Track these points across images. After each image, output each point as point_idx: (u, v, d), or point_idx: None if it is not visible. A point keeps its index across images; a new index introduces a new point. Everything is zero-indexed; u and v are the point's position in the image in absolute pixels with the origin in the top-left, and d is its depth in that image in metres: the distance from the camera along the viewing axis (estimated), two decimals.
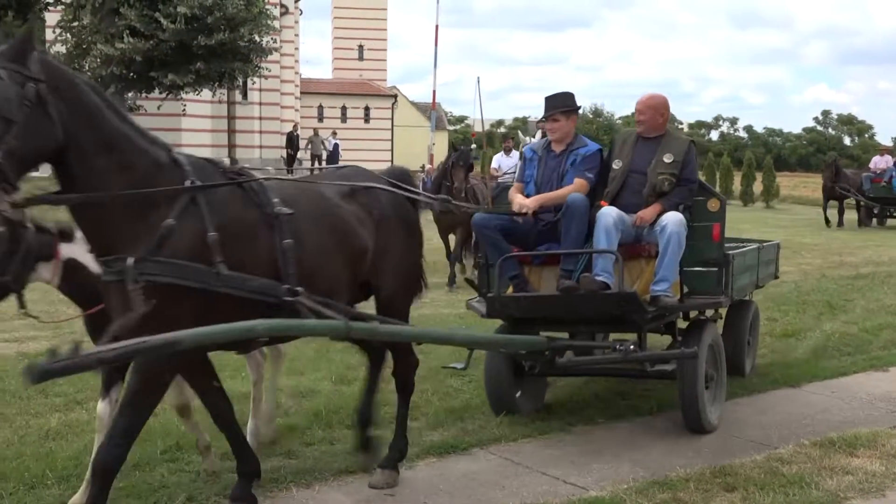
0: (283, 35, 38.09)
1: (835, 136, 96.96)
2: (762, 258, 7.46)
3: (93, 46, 25.45)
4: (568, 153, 6.19)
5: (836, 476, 5.16)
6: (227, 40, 25.66)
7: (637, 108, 6.32)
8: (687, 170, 6.06)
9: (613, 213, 5.69)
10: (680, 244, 5.67)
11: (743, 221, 24.80)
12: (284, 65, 40.98)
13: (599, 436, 5.99)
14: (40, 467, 4.99)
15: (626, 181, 6.09)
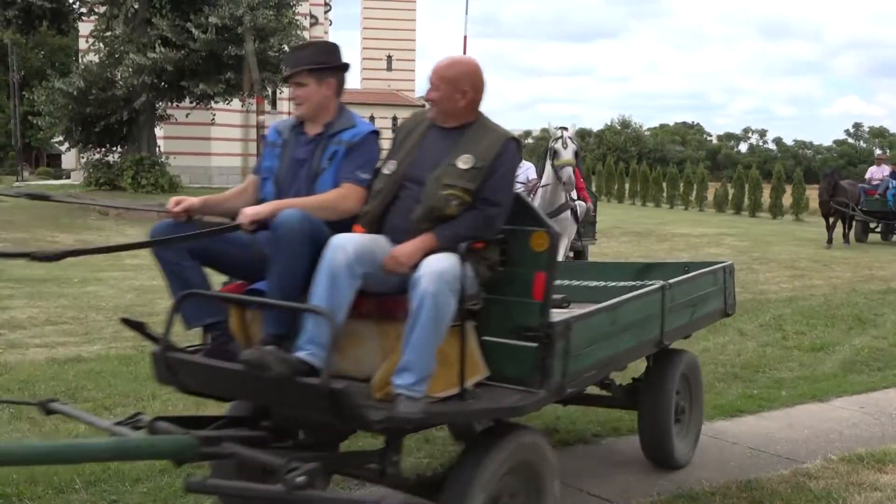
0: None
1: (866, 148, 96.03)
2: (681, 297, 5.26)
3: (125, 56, 25.79)
4: (326, 138, 4.14)
5: (864, 492, 5.10)
6: (257, 50, 25.90)
7: (429, 80, 4.01)
8: (491, 183, 3.85)
9: (350, 248, 3.61)
10: (438, 312, 3.49)
11: (772, 234, 24.72)
12: None
13: (624, 447, 5.96)
14: (69, 472, 5.04)
15: (399, 194, 3.95)
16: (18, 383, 6.99)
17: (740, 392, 7.50)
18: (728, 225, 28.54)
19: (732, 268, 6.12)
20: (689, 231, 25.08)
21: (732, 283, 6.11)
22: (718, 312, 5.97)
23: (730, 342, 9.58)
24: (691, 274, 5.64)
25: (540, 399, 3.81)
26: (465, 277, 3.68)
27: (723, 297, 5.95)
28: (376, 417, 3.42)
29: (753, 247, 21.01)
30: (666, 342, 5.07)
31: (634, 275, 6.19)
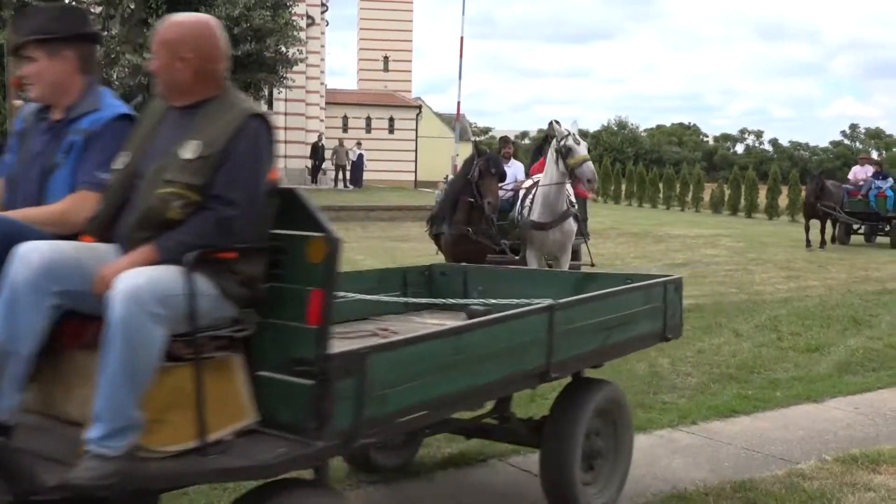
0: (309, 46, 38.35)
1: (862, 149, 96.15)
2: (584, 318, 4.38)
3: (121, 56, 25.75)
4: (64, 125, 3.32)
5: (858, 492, 5.12)
6: (253, 51, 25.88)
7: (151, 49, 3.21)
8: (225, 175, 2.99)
9: (36, 260, 2.78)
10: (130, 343, 2.66)
11: (768, 235, 24.77)
12: (310, 75, 41.26)
13: None
14: None
15: (130, 194, 3.11)
16: None
17: (735, 393, 7.51)
18: (724, 226, 28.59)
19: (680, 283, 5.22)
20: (686, 232, 25.12)
21: (679, 301, 5.16)
22: (652, 336, 5.03)
23: (725, 343, 9.59)
24: (602, 291, 4.73)
25: (316, 452, 2.94)
26: (200, 297, 2.84)
27: (661, 317, 4.98)
28: (49, 483, 2.58)
29: (749, 247, 21.06)
30: (556, 374, 4.18)
31: (572, 287, 5.40)
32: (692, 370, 8.32)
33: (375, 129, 56.32)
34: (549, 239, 9.60)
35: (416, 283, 5.84)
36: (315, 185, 38.72)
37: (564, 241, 9.75)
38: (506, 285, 5.63)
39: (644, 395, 7.32)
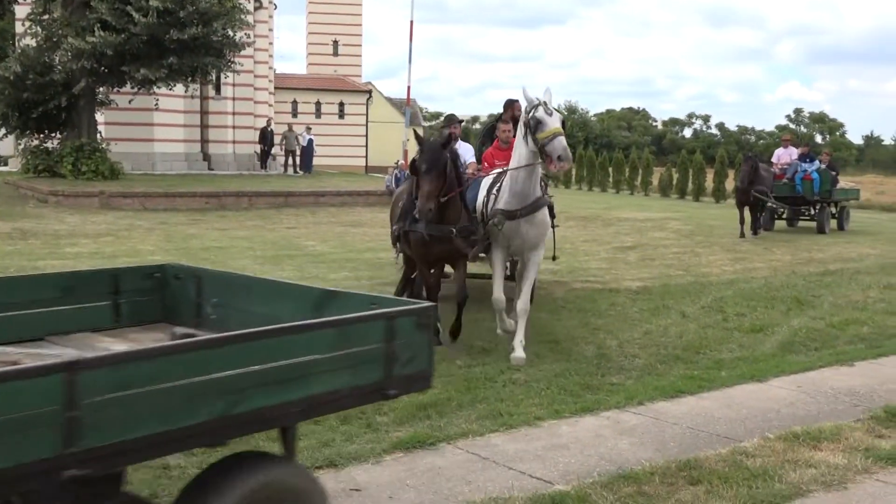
0: (256, 30, 37.95)
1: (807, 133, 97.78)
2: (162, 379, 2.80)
3: (63, 40, 25.20)
4: None
5: (800, 469, 5.21)
6: (199, 35, 25.48)
7: None
8: None
9: None
10: None
11: (715, 218, 25.08)
12: (258, 60, 40.75)
13: (566, 430, 6.00)
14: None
15: None
16: None
17: (681, 373, 7.61)
18: (672, 209, 28.90)
19: (427, 313, 3.71)
20: (635, 215, 25.35)
21: (424, 340, 3.66)
22: (359, 394, 3.46)
23: (672, 324, 9.71)
24: (221, 336, 3.14)
25: None
26: None
27: (379, 366, 3.48)
28: None
29: (696, 230, 21.31)
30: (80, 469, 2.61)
31: (311, 306, 4.17)
32: (639, 352, 8.41)
33: (325, 114, 55.86)
34: (518, 231, 8.14)
35: (138, 289, 4.66)
36: (264, 170, 38.30)
37: (536, 235, 8.27)
38: (245, 297, 4.52)
39: (592, 377, 7.38)
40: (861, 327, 9.85)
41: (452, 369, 7.39)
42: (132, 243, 15.95)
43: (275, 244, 16.59)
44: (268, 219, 21.49)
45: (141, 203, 22.43)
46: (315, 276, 12.58)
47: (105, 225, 18.62)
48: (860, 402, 6.86)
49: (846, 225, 22.94)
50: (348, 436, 5.69)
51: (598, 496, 4.74)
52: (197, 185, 26.16)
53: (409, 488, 4.91)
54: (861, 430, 5.97)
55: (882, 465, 5.32)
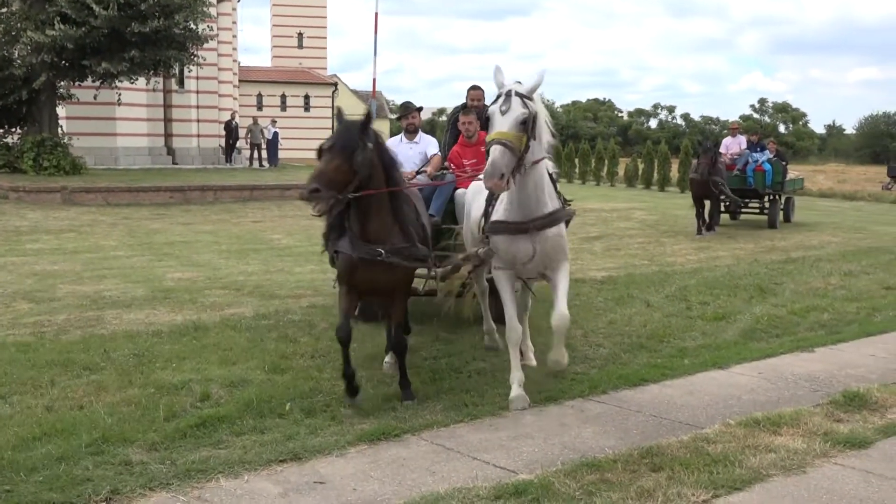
0: (220, 22, 37.67)
1: (770, 123, 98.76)
2: None
3: (22, 33, 24.84)
4: None
5: (760, 454, 5.27)
6: (161, 27, 25.24)
7: None
8: None
9: None
10: None
11: (680, 208, 25.25)
12: (222, 52, 40.47)
13: (531, 420, 6.03)
14: None
15: None
16: None
17: (645, 362, 7.67)
18: (638, 199, 29.10)
19: None
20: (601, 206, 25.47)
21: None
22: None
23: (636, 313, 9.77)
24: None
25: None
26: None
27: None
28: None
29: (662, 220, 21.47)
30: None
31: None
32: (604, 341, 8.46)
33: (291, 106, 55.62)
34: (519, 251, 6.30)
35: None
36: (229, 164, 38.04)
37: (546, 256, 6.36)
38: None
39: None
40: (821, 314, 9.97)
41: (417, 361, 7.39)
42: (95, 239, 15.78)
43: (240, 238, 16.49)
44: (233, 213, 21.34)
45: (104, 198, 22.17)
46: (281, 270, 12.52)
47: (67, 221, 18.39)
48: (820, 387, 6.95)
49: (793, 216, 21.90)
50: (312, 428, 5.67)
51: (561, 484, 4.76)
52: (161, 179, 25.92)
53: (373, 480, 4.91)
54: (820, 415, 6.04)
55: (840, 449, 5.40)
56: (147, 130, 35.27)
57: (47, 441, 5.26)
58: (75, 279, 11.25)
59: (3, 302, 9.74)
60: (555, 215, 6.30)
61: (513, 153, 5.60)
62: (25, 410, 5.89)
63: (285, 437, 5.49)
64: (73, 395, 6.25)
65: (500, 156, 5.51)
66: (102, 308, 9.41)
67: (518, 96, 5.75)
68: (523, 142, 5.71)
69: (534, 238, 6.23)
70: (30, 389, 6.36)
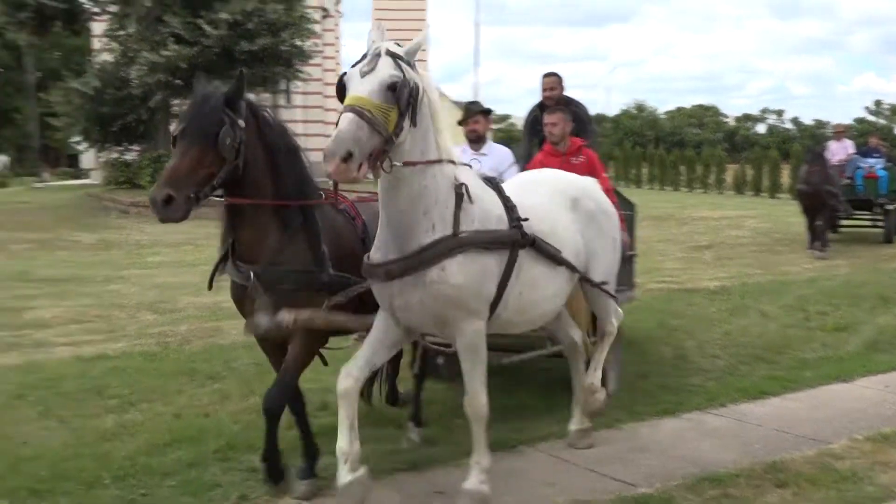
0: (324, 38, 38.40)
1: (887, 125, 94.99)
2: None
3: (138, 55, 25.84)
4: None
5: (890, 471, 5.09)
6: (269, 45, 25.90)
7: None
8: None
9: None
10: None
11: (793, 215, 24.42)
12: (326, 68, 41.24)
13: (647, 432, 5.96)
14: (97, 467, 5.09)
15: None
16: (46, 381, 7.07)
17: (764, 374, 7.48)
18: (748, 207, 28.35)
19: None
20: (709, 214, 24.95)
21: None
22: None
23: (752, 324, 9.55)
24: None
25: None
26: None
27: None
28: None
29: (774, 228, 20.89)
30: None
31: None
32: (719, 352, 8.29)
33: None
34: (393, 299, 4.39)
35: None
36: None
37: (427, 314, 4.35)
38: None
39: (671, 378, 7.30)
40: None
41: (530, 375, 7.38)
42: (211, 251, 16.24)
43: None
44: None
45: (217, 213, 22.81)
46: None
47: (184, 234, 18.99)
48: None
49: None
50: (429, 439, 5.73)
51: (682, 499, 4.70)
52: None
53: (491, 491, 4.92)
54: None
55: None
56: None
57: (177, 447, 5.46)
58: (195, 291, 11.64)
59: (129, 313, 10.15)
60: (427, 252, 4.19)
61: (371, 128, 3.81)
62: (155, 418, 6.13)
63: (401, 448, 5.56)
64: (198, 403, 6.48)
65: (348, 126, 3.77)
66: (221, 319, 9.71)
67: (390, 56, 4.10)
68: (391, 118, 3.91)
69: (398, 286, 4.29)
70: (158, 397, 6.61)
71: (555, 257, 4.77)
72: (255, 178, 4.53)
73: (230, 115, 4.34)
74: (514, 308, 4.61)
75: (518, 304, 4.62)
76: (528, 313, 4.81)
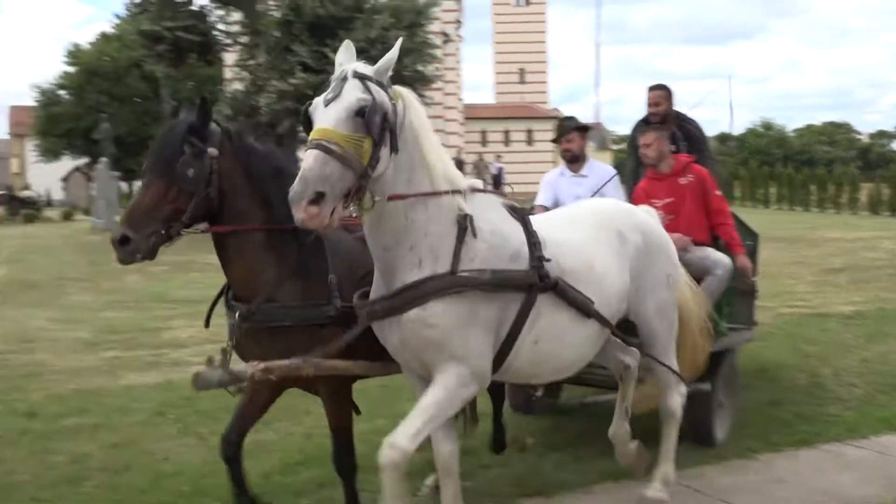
0: (445, 63, 38.91)
1: None
2: None
3: (267, 83, 26.77)
4: None
5: None
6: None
7: None
8: None
9: None
10: None
11: None
12: (447, 91, 41.81)
13: (784, 463, 5.75)
14: None
15: None
16: (184, 399, 7.34)
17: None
18: (885, 227, 27.11)
19: None
20: (842, 235, 23.97)
21: None
22: None
23: (891, 351, 9.12)
24: None
25: None
26: None
27: None
28: None
29: None
30: None
31: None
32: (857, 380, 7.94)
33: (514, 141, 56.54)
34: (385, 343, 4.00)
35: None
36: None
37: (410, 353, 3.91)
38: None
39: (806, 406, 7.04)
40: None
41: None
42: None
43: None
44: None
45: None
46: None
47: None
48: None
49: None
50: (556, 464, 5.69)
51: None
52: None
53: None
54: None
55: None
56: None
57: (309, 467, 5.60)
58: None
59: None
60: (410, 291, 3.70)
61: (342, 164, 3.35)
62: (287, 437, 6.30)
63: (530, 472, 5.53)
64: (326, 423, 6.59)
65: (313, 163, 3.32)
66: None
67: (357, 78, 3.58)
68: (364, 149, 3.43)
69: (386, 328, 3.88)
70: (289, 417, 6.77)
71: (582, 306, 4.11)
72: (240, 208, 4.10)
73: (195, 144, 3.96)
74: (528, 359, 4.04)
75: (533, 354, 4.03)
76: (546, 364, 4.21)
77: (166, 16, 26.31)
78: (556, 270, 3.97)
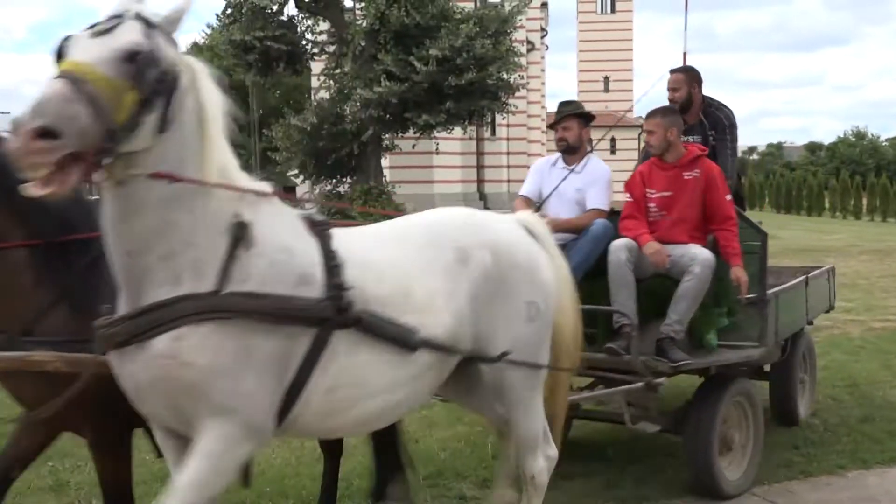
0: (529, 71, 38.88)
1: None
2: None
3: (353, 91, 27.12)
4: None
5: None
6: (476, 79, 26.51)
7: None
8: None
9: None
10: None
11: None
12: (531, 100, 41.73)
13: (874, 482, 5.57)
14: (314, 486, 5.34)
15: None
16: None
17: None
18: None
19: None
20: None
21: None
22: None
23: None
24: None
25: None
26: None
27: None
28: None
29: None
30: None
31: None
32: None
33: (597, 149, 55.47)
34: (129, 379, 2.98)
35: None
36: None
37: (161, 395, 2.93)
38: None
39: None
40: None
41: None
42: None
43: None
44: None
45: None
46: None
47: None
48: None
49: None
50: (637, 477, 5.63)
51: None
52: None
53: None
54: None
55: None
56: (461, 177, 37.08)
57: None
58: None
59: None
60: (158, 312, 2.84)
61: (92, 108, 2.51)
62: (367, 442, 6.35)
63: (610, 485, 5.48)
64: (407, 429, 6.62)
65: (52, 96, 2.48)
66: None
67: (140, 21, 2.75)
68: (125, 102, 2.62)
69: (126, 360, 2.94)
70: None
71: (398, 338, 3.22)
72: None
73: None
74: (320, 410, 3.15)
75: (326, 404, 3.14)
76: (344, 416, 3.27)
77: (257, 25, 26.87)
78: (359, 300, 3.11)
